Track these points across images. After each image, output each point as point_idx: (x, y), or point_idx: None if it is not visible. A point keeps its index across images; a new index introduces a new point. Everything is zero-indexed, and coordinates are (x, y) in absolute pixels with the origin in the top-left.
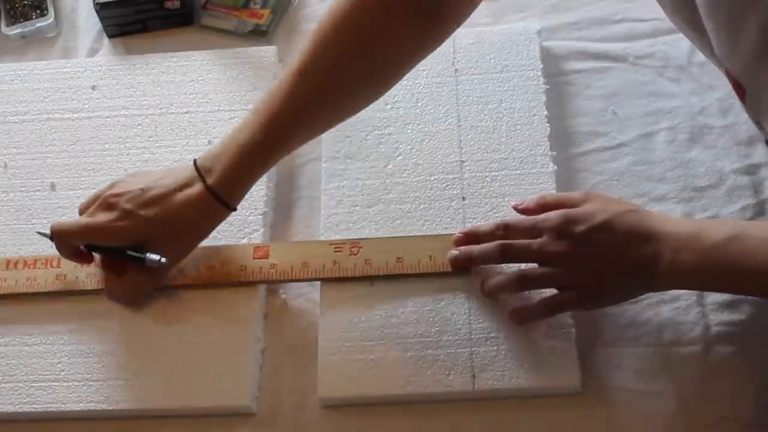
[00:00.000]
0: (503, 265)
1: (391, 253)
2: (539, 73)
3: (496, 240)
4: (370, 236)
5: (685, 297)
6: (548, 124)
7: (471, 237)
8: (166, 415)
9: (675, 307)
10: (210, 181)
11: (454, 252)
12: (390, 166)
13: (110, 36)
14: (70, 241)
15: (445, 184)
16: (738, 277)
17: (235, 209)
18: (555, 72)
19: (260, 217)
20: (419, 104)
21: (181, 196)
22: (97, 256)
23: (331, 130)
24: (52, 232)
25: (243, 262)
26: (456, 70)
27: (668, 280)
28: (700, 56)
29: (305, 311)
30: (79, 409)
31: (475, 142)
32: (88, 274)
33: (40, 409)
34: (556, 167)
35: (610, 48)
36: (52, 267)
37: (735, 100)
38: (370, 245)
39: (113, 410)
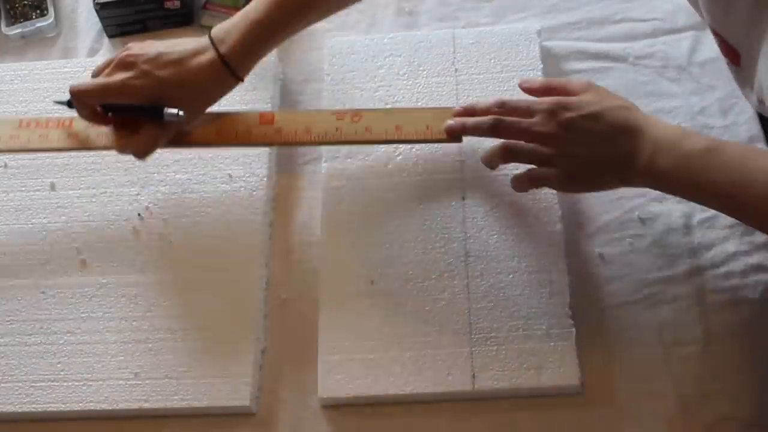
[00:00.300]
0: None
1: (391, 122)
2: (539, 73)
3: (488, 121)
4: (371, 235)
5: (685, 297)
6: None
7: (469, 111)
8: (166, 415)
9: (675, 307)
10: (222, 50)
11: (450, 121)
12: (390, 166)
13: (110, 36)
14: (88, 101)
15: (445, 184)
16: (705, 189)
17: (242, 80)
18: (555, 72)
19: (260, 217)
20: (419, 104)
21: (194, 61)
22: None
23: None
24: (70, 92)
25: (249, 127)
26: (456, 70)
27: (642, 178)
28: (700, 56)
29: (305, 311)
30: (79, 409)
31: (475, 142)
32: (99, 134)
33: (40, 409)
34: None
35: (610, 48)
36: (64, 127)
37: (735, 100)
38: (370, 115)
39: (113, 410)
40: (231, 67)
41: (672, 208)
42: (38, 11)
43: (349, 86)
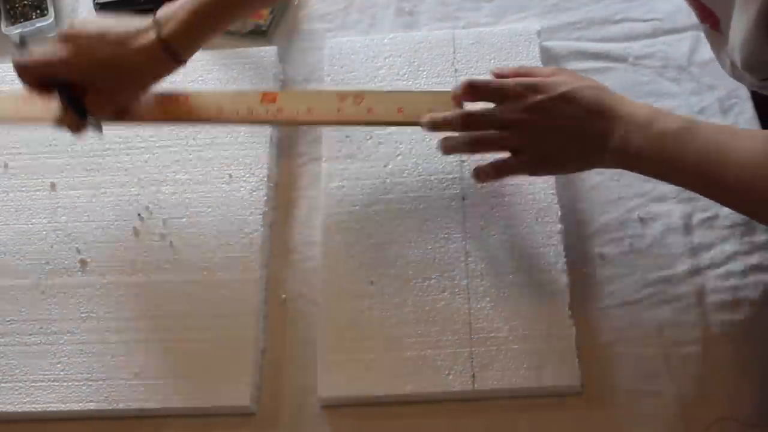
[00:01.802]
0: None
1: (393, 103)
2: None
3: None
4: (371, 235)
5: (685, 297)
6: None
7: (466, 94)
8: (166, 415)
9: (675, 307)
10: (164, 33)
11: (424, 119)
12: (390, 166)
13: None
14: (28, 75)
15: (445, 184)
16: (677, 169)
17: (184, 63)
18: None
19: (260, 217)
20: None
21: (135, 42)
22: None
23: (331, 130)
24: (13, 65)
25: (251, 106)
26: (456, 70)
27: (616, 159)
28: (700, 56)
29: (305, 311)
30: (79, 408)
31: None
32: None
33: (40, 409)
34: None
35: (610, 48)
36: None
37: (735, 100)
38: (372, 96)
39: (113, 410)
40: (171, 50)
41: (672, 208)
42: (38, 11)
43: (349, 87)
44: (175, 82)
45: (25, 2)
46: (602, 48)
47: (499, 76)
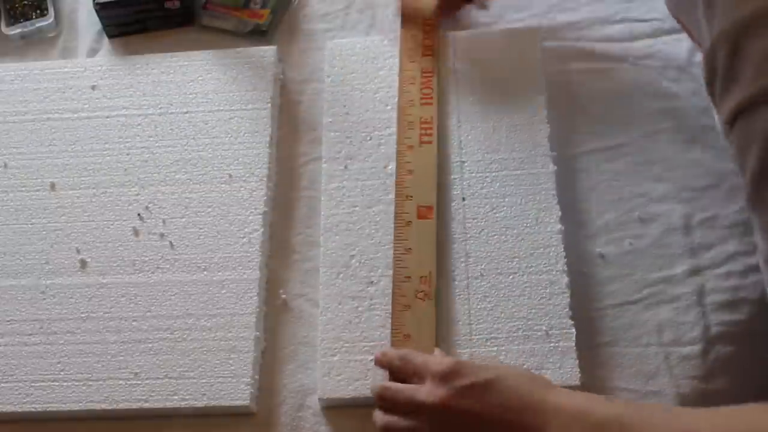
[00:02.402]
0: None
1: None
2: (539, 73)
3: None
4: (371, 235)
5: (685, 297)
6: (548, 125)
7: (380, 361)
8: (166, 415)
9: (675, 307)
10: None
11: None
12: (390, 167)
13: (110, 36)
14: None
15: (445, 184)
16: None
17: None
18: (555, 72)
19: (260, 216)
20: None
21: None
22: None
23: (331, 131)
24: None
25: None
26: (455, 70)
27: None
28: (700, 56)
29: (305, 311)
30: (79, 408)
31: (475, 142)
32: None
33: (40, 409)
34: (556, 167)
35: (610, 48)
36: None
37: None
38: None
39: (113, 410)
40: None
41: (672, 208)
42: (38, 11)
43: (349, 88)
44: (172, 80)
45: (25, 2)
46: (602, 48)
47: (379, 361)
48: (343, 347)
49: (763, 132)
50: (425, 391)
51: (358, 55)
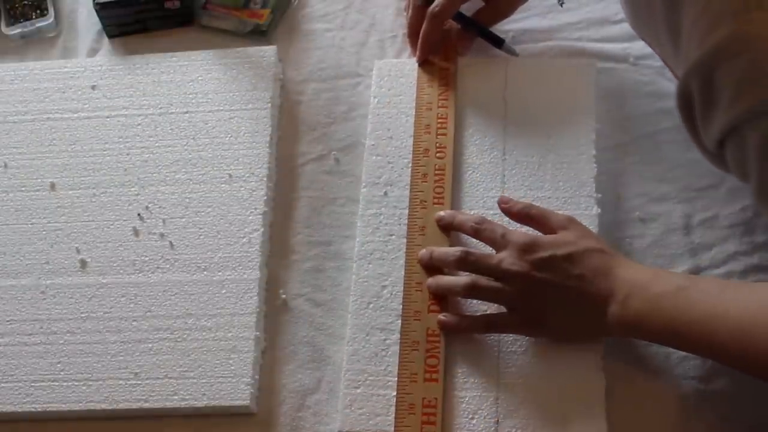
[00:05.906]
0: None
1: None
2: (592, 111)
3: (469, 226)
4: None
5: None
6: (595, 165)
7: (447, 222)
8: (166, 415)
9: None
10: None
11: (422, 252)
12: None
13: (110, 36)
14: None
15: None
16: (678, 330)
17: None
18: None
19: (260, 216)
20: (465, 133)
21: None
22: None
23: (373, 155)
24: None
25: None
26: (506, 102)
27: (619, 326)
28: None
29: (305, 311)
30: (79, 408)
31: (519, 177)
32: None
33: (40, 409)
34: (599, 210)
35: (610, 48)
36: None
37: None
38: None
39: (113, 410)
40: None
41: (672, 208)
42: (38, 11)
43: (395, 111)
44: (172, 80)
45: (25, 2)
46: (602, 48)
47: (505, 207)
48: (367, 380)
49: (755, 149)
50: (509, 261)
51: (406, 76)
